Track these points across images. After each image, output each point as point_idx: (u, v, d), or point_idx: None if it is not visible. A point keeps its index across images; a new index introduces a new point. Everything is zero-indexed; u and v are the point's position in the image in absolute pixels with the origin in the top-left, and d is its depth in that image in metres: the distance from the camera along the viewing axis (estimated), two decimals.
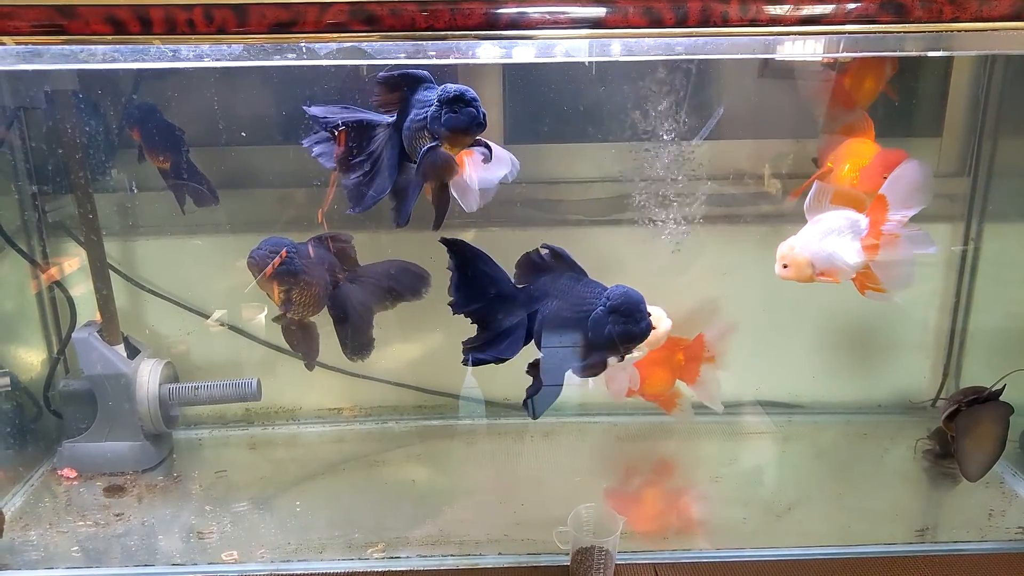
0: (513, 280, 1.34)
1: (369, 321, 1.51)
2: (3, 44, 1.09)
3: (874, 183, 1.44)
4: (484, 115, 1.21)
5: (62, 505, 1.65)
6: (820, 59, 1.62)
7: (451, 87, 1.21)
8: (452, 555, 1.48)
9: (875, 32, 1.13)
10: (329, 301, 1.46)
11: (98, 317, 1.76)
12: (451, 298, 1.35)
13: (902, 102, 1.82)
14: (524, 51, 1.20)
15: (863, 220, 1.40)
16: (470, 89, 1.21)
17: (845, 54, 1.22)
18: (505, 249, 1.28)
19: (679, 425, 1.93)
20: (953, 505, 1.70)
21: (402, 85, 1.27)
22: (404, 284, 1.50)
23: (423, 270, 1.50)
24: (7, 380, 1.70)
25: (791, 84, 1.77)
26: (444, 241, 1.32)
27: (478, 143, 1.28)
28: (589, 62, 1.60)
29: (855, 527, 1.56)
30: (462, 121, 1.20)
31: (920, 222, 1.77)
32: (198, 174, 1.67)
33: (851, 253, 1.40)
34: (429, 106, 1.23)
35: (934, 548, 1.51)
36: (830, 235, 1.40)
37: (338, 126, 1.33)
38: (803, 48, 1.22)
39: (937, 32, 1.14)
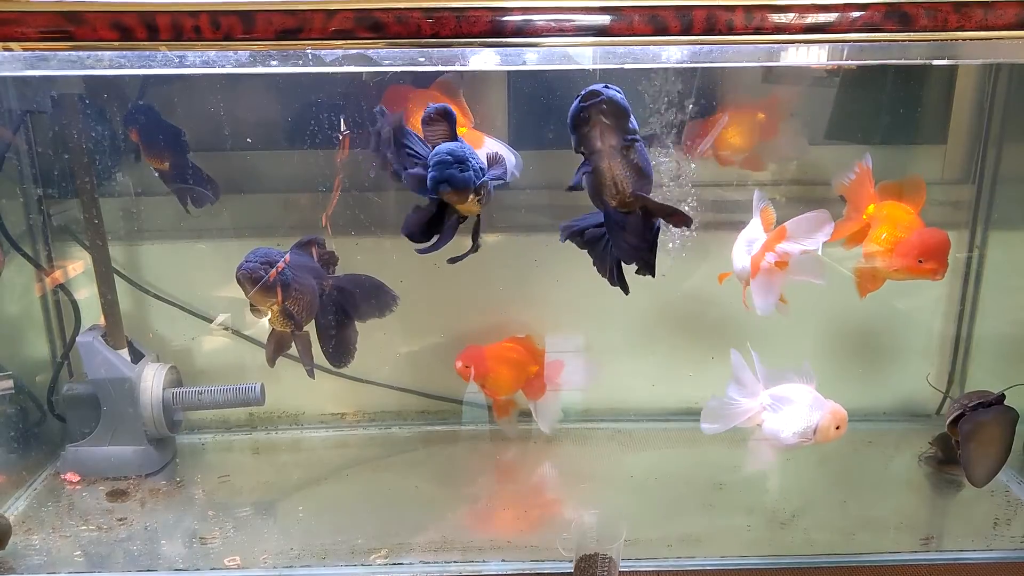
0: None
1: (354, 328, 1.51)
2: (11, 50, 1.10)
3: (909, 262, 1.45)
4: (474, 174, 1.23)
5: (65, 509, 1.65)
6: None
7: (442, 149, 1.24)
8: (455, 561, 1.48)
9: (880, 41, 1.13)
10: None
11: (102, 321, 1.76)
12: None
13: (907, 110, 1.82)
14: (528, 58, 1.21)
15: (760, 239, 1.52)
16: (458, 148, 1.23)
17: (848, 62, 1.22)
18: (508, 254, 1.28)
19: (681, 432, 1.93)
20: (958, 513, 1.69)
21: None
22: (372, 301, 1.50)
23: (392, 292, 1.51)
24: (10, 383, 1.70)
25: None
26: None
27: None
28: (593, 69, 1.60)
29: (860, 535, 1.56)
30: (450, 187, 1.23)
31: None
32: (198, 173, 1.67)
33: (741, 258, 1.54)
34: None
35: (939, 557, 1.50)
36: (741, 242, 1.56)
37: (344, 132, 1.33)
38: (806, 56, 1.22)
39: (942, 41, 1.14)
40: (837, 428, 1.53)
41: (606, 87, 1.16)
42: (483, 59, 1.22)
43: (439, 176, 1.23)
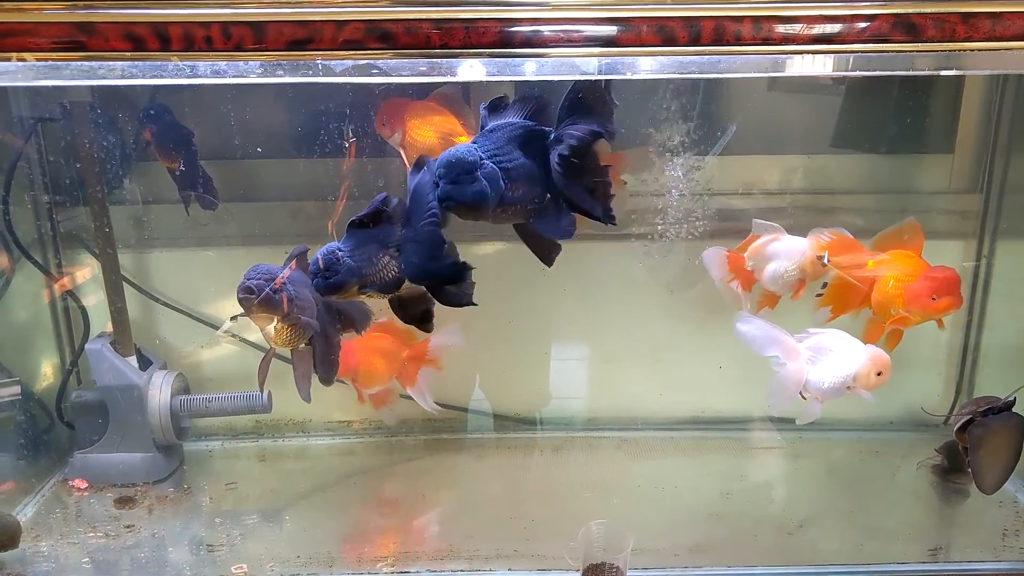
0: None
1: (339, 341, 1.47)
2: (24, 60, 1.11)
3: (923, 302, 1.46)
4: (487, 187, 1.15)
5: (73, 516, 1.65)
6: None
7: (452, 155, 1.16)
8: (462, 570, 1.47)
9: (887, 51, 1.13)
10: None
11: (109, 328, 1.77)
12: None
13: (914, 119, 1.82)
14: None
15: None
16: (467, 154, 1.16)
17: (856, 72, 1.22)
18: (515, 262, 1.28)
19: (688, 441, 1.93)
20: (966, 524, 1.69)
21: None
22: (349, 316, 1.46)
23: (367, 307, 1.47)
24: (17, 389, 1.71)
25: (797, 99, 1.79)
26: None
27: None
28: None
29: (867, 545, 1.55)
30: (457, 202, 1.16)
31: (934, 239, 1.78)
32: (204, 176, 1.68)
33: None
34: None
35: (948, 568, 1.50)
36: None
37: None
38: (812, 66, 1.22)
39: (949, 52, 1.14)
40: (879, 374, 1.46)
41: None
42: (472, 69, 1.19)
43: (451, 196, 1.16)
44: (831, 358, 1.47)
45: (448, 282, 1.24)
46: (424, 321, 1.32)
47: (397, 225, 1.23)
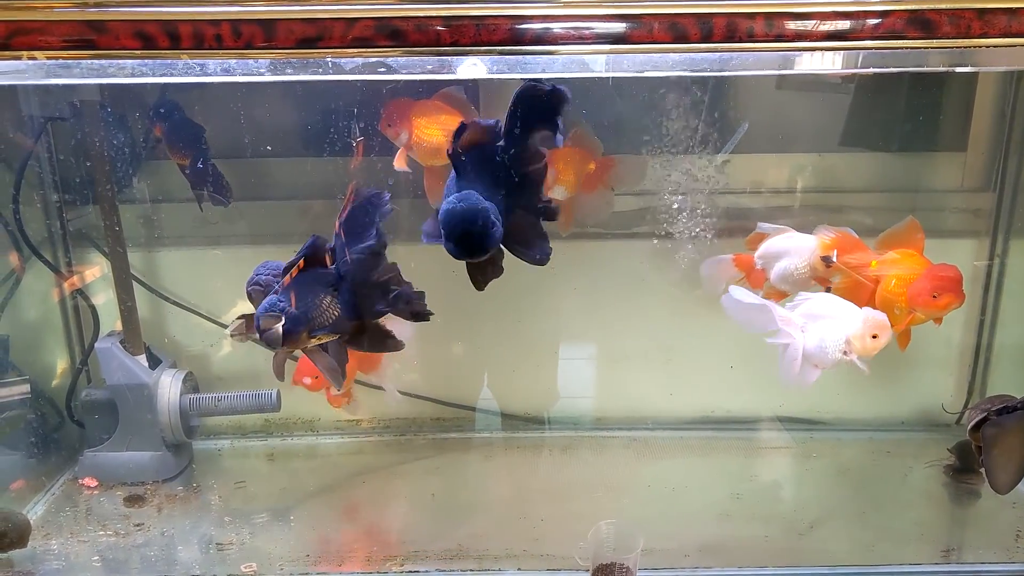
0: None
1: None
2: (34, 59, 1.11)
3: (924, 300, 1.45)
4: (490, 236, 1.16)
5: (83, 514, 1.66)
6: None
7: (455, 210, 1.16)
8: (471, 570, 1.47)
9: (902, 48, 1.12)
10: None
11: (117, 326, 1.77)
12: None
13: (926, 116, 1.81)
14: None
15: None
16: (474, 205, 1.15)
17: (869, 70, 1.21)
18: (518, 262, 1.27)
19: (698, 441, 1.92)
20: (979, 524, 1.67)
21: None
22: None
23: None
24: (26, 387, 1.72)
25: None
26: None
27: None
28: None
29: (879, 546, 1.54)
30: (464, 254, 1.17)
31: (947, 238, 1.77)
32: (215, 172, 1.67)
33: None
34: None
35: (960, 569, 1.49)
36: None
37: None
38: (821, 63, 1.21)
39: (965, 48, 1.13)
40: (875, 337, 1.41)
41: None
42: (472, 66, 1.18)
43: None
44: (823, 324, 1.43)
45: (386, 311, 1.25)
46: (389, 347, 1.33)
47: (332, 265, 1.24)
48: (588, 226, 1.77)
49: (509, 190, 1.21)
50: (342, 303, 1.23)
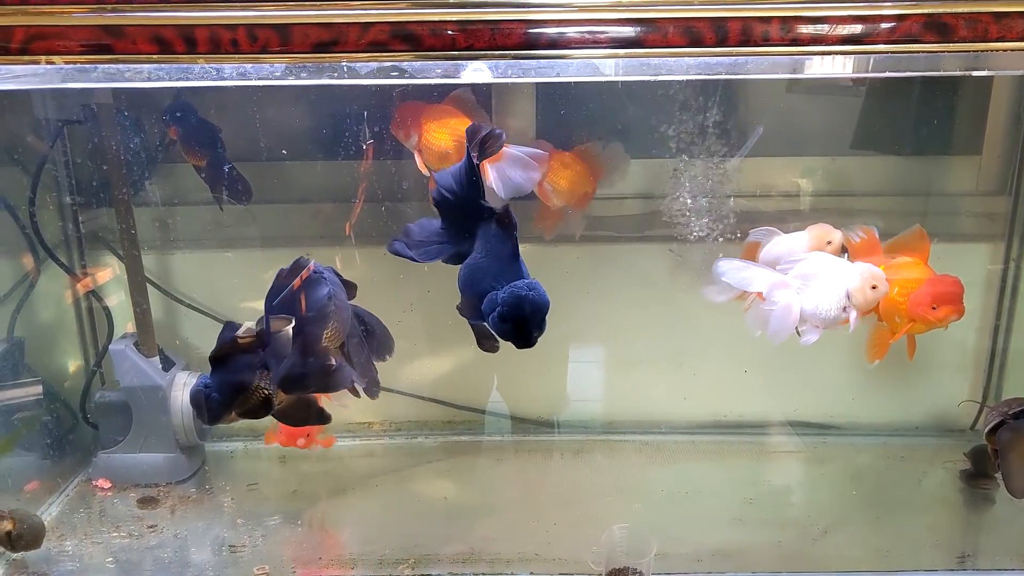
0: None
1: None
2: (52, 63, 1.12)
3: (923, 311, 1.44)
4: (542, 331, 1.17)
5: (96, 516, 1.66)
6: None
7: (526, 297, 1.17)
8: (483, 573, 1.47)
9: (918, 52, 1.11)
10: None
11: (129, 328, 1.78)
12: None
13: (940, 119, 1.80)
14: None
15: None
16: (542, 297, 1.17)
17: (885, 74, 1.20)
18: (537, 265, 1.27)
19: (710, 445, 1.91)
20: (994, 530, 1.66)
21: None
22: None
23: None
24: (39, 388, 1.73)
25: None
26: None
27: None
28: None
29: (894, 552, 1.53)
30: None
31: (961, 242, 1.75)
32: (232, 171, 1.67)
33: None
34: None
35: (976, 575, 1.47)
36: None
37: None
38: (832, 67, 1.20)
39: (981, 52, 1.12)
40: (874, 288, 1.41)
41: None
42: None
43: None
44: (820, 282, 1.43)
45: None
46: (319, 420, 1.36)
47: (257, 348, 1.26)
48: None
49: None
50: (267, 385, 1.27)
